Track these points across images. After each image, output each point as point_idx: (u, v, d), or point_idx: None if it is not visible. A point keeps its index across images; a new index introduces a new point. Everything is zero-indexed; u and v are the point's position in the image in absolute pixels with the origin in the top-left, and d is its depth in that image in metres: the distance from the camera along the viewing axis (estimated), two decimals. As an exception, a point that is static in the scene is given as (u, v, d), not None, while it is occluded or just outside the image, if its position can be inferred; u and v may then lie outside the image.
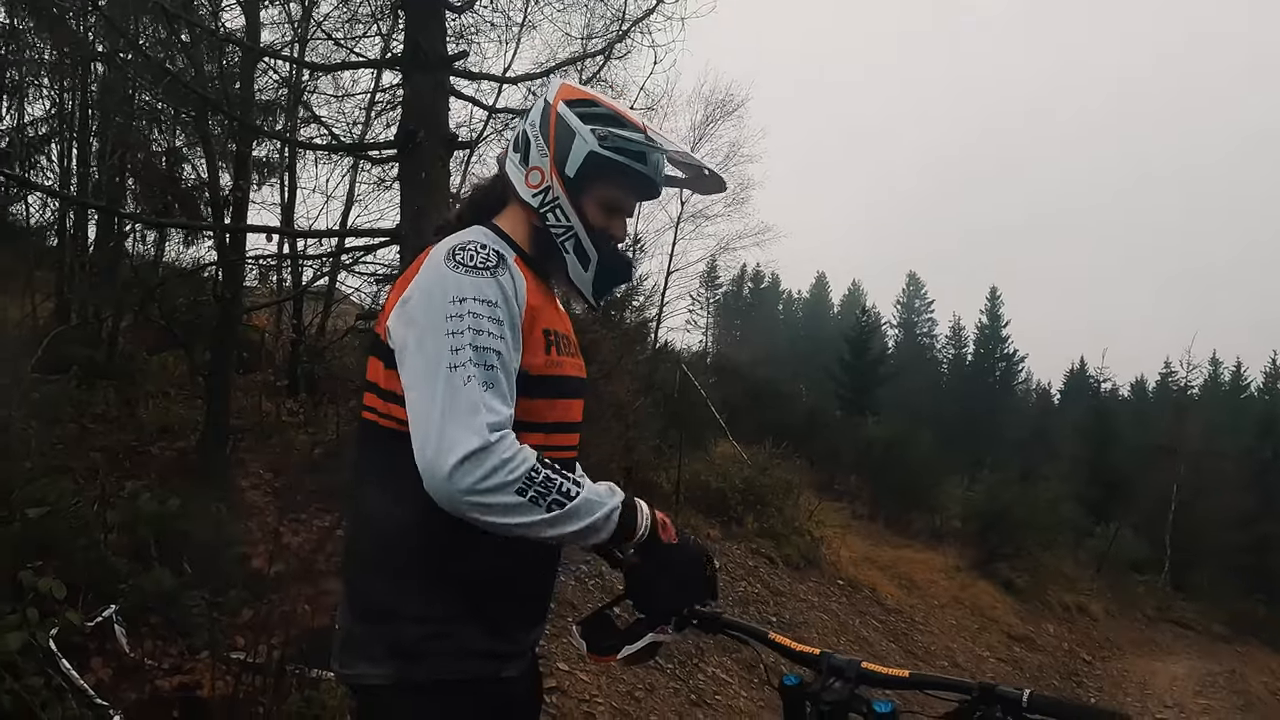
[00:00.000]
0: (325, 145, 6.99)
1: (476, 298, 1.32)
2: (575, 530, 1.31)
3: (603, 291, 1.55)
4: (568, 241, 1.48)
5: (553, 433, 1.44)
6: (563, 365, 1.47)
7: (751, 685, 5.53)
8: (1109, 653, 13.80)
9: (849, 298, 59.40)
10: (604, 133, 1.46)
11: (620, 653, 1.57)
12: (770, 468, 12.22)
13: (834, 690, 1.32)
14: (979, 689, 1.25)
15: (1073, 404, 46.30)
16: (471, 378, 1.28)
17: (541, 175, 1.48)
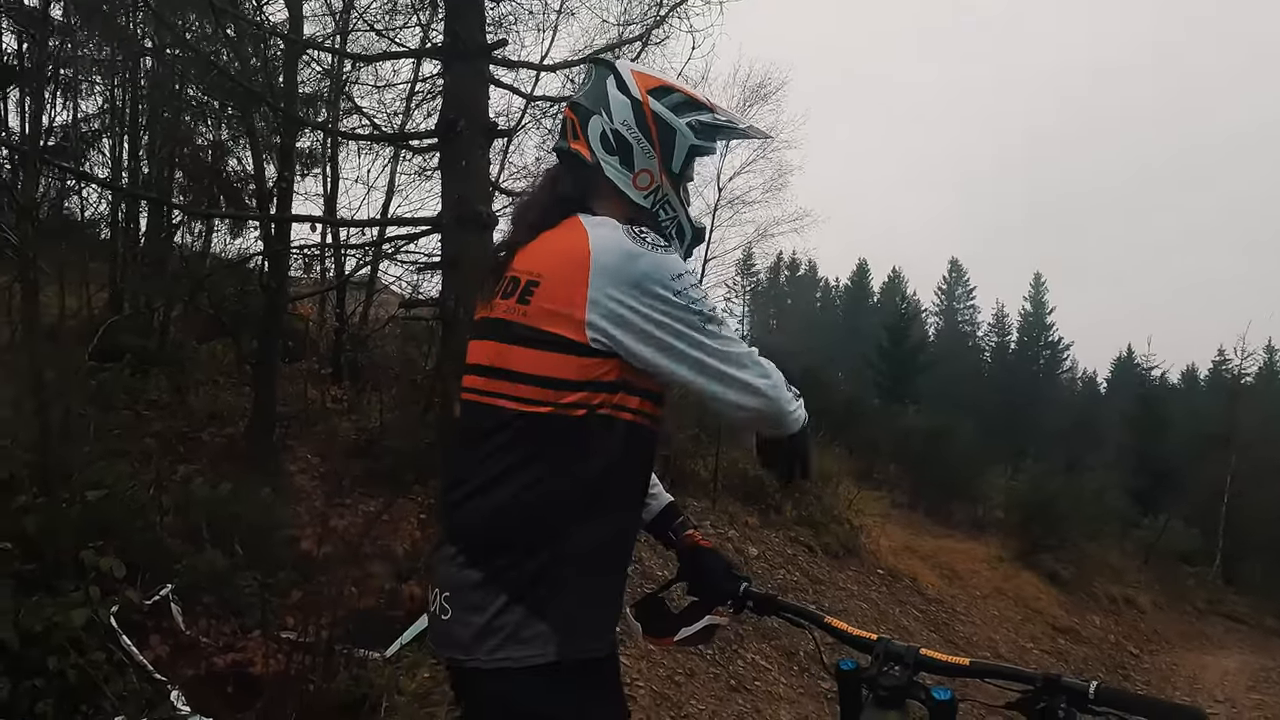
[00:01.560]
0: (368, 135, 7.07)
1: (683, 272, 1.41)
2: (799, 417, 1.54)
3: (689, 257, 1.67)
4: (673, 230, 1.57)
5: (663, 404, 1.50)
6: None
7: (790, 672, 5.52)
8: (1157, 646, 13.51)
9: (889, 285, 58.55)
10: (694, 123, 1.53)
11: (677, 635, 1.57)
12: (809, 456, 12.12)
13: (892, 676, 1.31)
14: (1043, 679, 1.23)
15: (1120, 393, 45.20)
16: (721, 325, 1.41)
17: (651, 177, 1.52)
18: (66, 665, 2.83)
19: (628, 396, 1.39)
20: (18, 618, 2.80)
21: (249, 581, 4.12)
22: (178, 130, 8.58)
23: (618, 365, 1.36)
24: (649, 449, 1.50)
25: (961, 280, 55.21)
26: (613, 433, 1.39)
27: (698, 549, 1.66)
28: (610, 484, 1.40)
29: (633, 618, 1.64)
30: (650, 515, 1.70)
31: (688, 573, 1.65)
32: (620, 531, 1.46)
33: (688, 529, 1.69)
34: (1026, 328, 47.96)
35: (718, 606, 1.59)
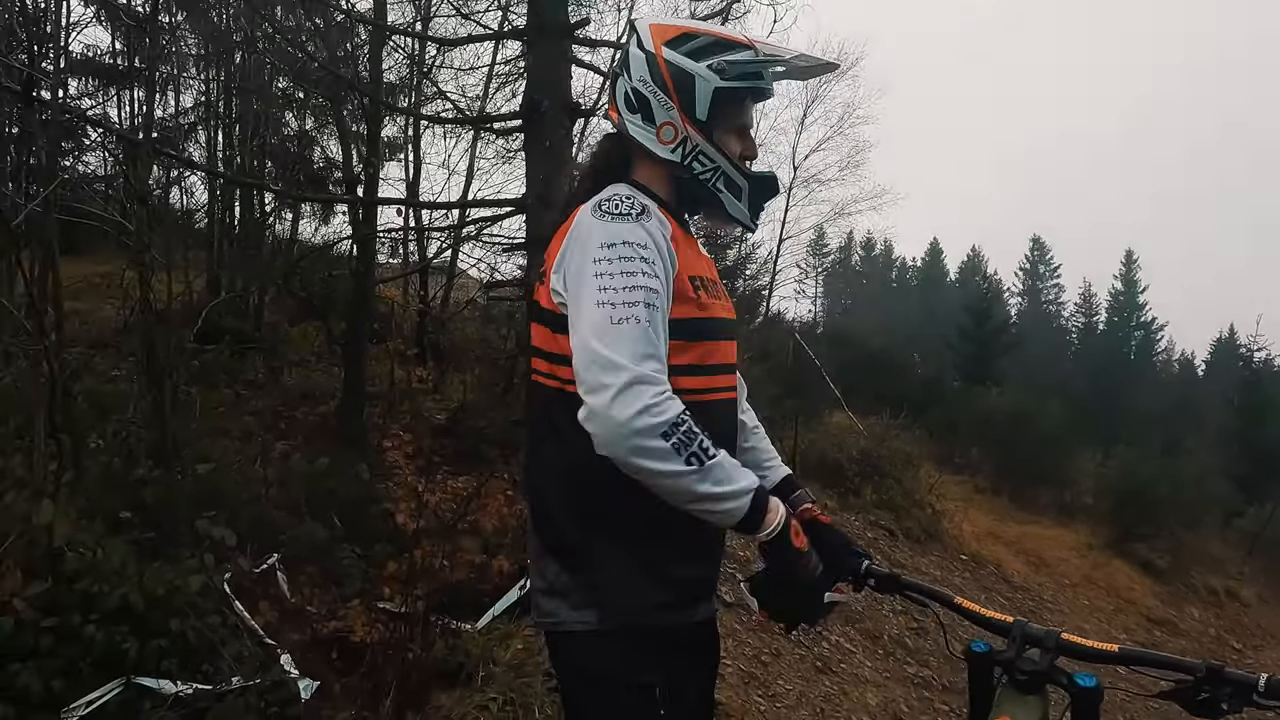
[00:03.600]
0: (452, 119, 7.17)
1: (626, 241, 1.36)
2: (708, 494, 1.29)
3: (757, 213, 1.58)
4: (718, 181, 1.50)
5: (714, 374, 1.48)
6: (712, 308, 1.48)
7: (875, 655, 5.45)
8: (1262, 641, 12.81)
9: (968, 265, 56.63)
10: (720, 65, 1.46)
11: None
12: (888, 438, 11.90)
13: (1031, 660, 1.25)
14: (1205, 669, 1.15)
15: (1219, 375, 42.78)
16: (625, 318, 1.31)
17: (674, 129, 1.48)
18: (187, 627, 2.98)
19: None
20: (141, 581, 2.96)
21: (347, 553, 4.28)
22: (267, 121, 8.89)
23: None
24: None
25: (1045, 258, 53.08)
26: None
27: (816, 523, 1.61)
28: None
29: (748, 593, 1.61)
30: (769, 486, 1.65)
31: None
32: (660, 502, 1.39)
33: (805, 502, 1.65)
34: (1117, 307, 45.86)
35: (838, 583, 1.54)
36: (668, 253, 1.40)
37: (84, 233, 7.44)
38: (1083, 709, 1.19)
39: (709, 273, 1.53)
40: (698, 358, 1.44)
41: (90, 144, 9.03)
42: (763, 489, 1.36)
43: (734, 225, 1.59)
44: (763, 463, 1.71)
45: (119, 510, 3.55)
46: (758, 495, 1.33)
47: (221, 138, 10.10)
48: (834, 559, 1.54)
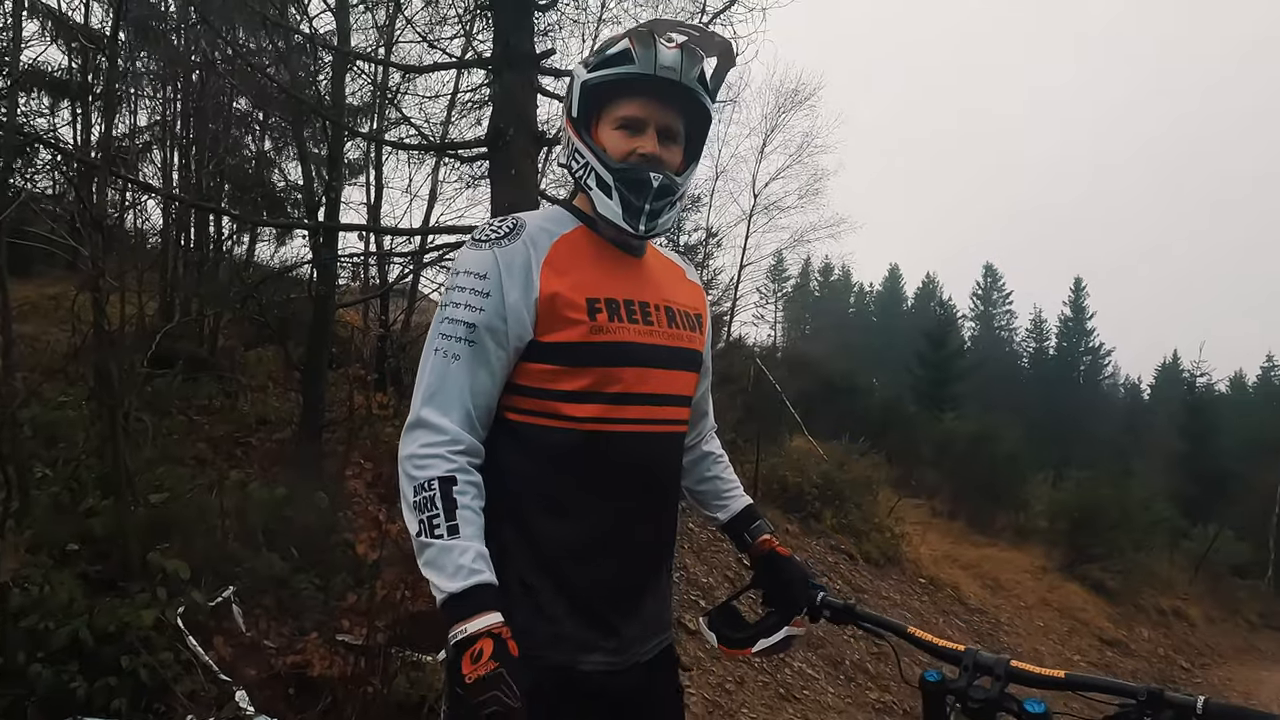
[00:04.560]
0: (417, 145, 7.16)
1: (467, 270, 1.37)
2: (425, 571, 1.27)
3: (640, 214, 1.40)
4: (589, 178, 1.43)
5: (620, 404, 1.38)
6: (618, 332, 1.39)
7: (837, 681, 5.47)
8: (1209, 660, 13.15)
9: (923, 291, 57.87)
10: (590, 58, 1.44)
11: (755, 647, 1.57)
12: (847, 463, 12.03)
13: (982, 688, 1.27)
14: (1147, 693, 1.19)
15: (1165, 399, 44.17)
16: (435, 350, 1.35)
17: (567, 136, 1.48)
18: (138, 664, 2.89)
19: (510, 395, 1.39)
20: (91, 617, 2.87)
21: (306, 585, 4.19)
22: (225, 142, 8.78)
23: None
24: (565, 451, 1.37)
25: (997, 285, 54.40)
26: (504, 433, 1.39)
27: (774, 556, 1.63)
28: (519, 489, 1.37)
29: (706, 627, 1.63)
30: (728, 516, 1.69)
31: (763, 580, 1.63)
32: (541, 542, 1.36)
33: (763, 534, 1.67)
34: (1066, 333, 47.12)
35: (796, 617, 1.56)
36: (520, 278, 1.35)
37: (25, 253, 7.25)
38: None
39: (637, 294, 1.44)
40: (591, 384, 1.36)
41: (42, 166, 8.82)
42: (469, 597, 1.23)
43: (613, 228, 1.42)
44: (723, 492, 1.72)
45: (67, 543, 3.45)
46: (453, 602, 1.22)
47: (178, 158, 9.93)
48: (792, 593, 1.56)
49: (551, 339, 1.36)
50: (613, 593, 1.42)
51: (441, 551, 1.25)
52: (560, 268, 1.38)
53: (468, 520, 1.28)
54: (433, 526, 1.26)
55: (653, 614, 1.49)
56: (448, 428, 1.31)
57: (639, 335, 1.42)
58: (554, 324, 1.36)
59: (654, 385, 1.43)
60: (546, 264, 1.38)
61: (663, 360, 1.45)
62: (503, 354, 1.35)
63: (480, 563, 1.26)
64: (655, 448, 1.46)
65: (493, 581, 1.27)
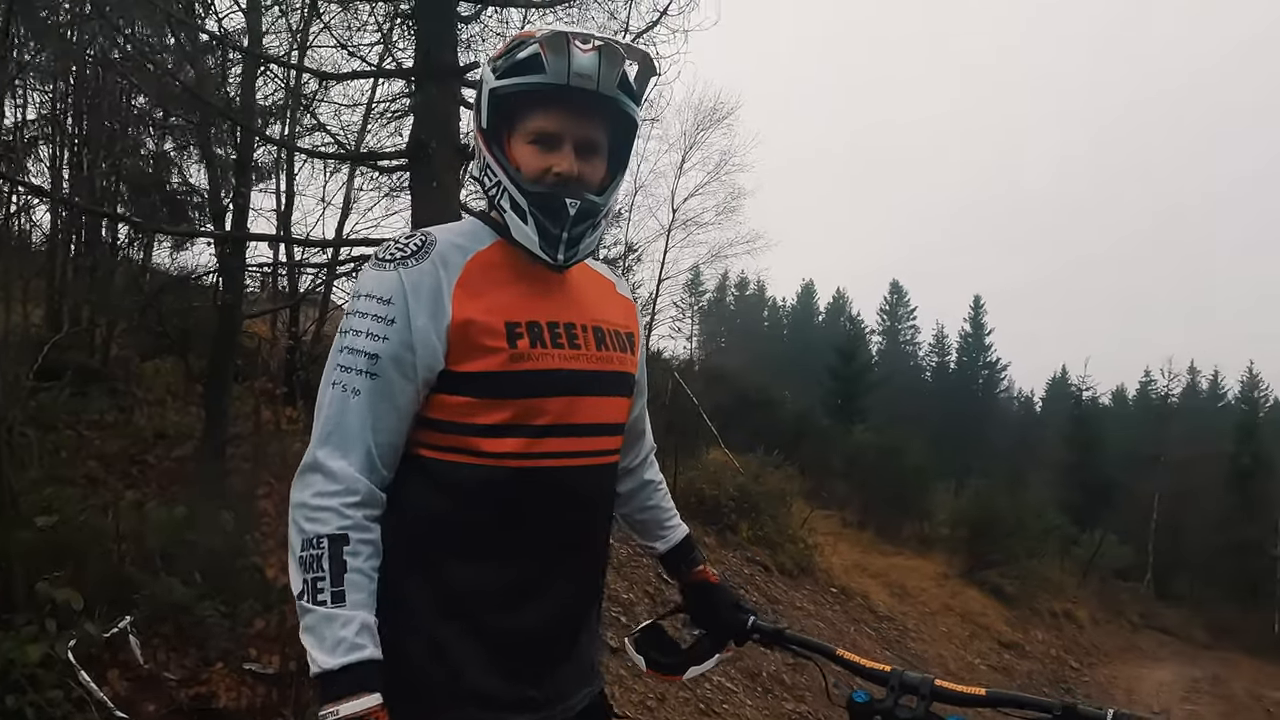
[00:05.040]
0: (333, 154, 6.94)
1: (368, 294, 1.24)
2: (303, 638, 1.16)
3: (558, 242, 1.28)
4: (502, 200, 1.29)
5: (545, 437, 1.27)
6: (541, 359, 1.27)
7: (755, 694, 5.56)
8: (1096, 659, 13.97)
9: (834, 306, 59.69)
10: (499, 63, 1.28)
11: (686, 674, 1.57)
12: (763, 475, 12.27)
13: (908, 708, 1.29)
14: (1061, 708, 1.24)
15: (1055, 412, 46.78)
16: (333, 383, 1.23)
17: (477, 148, 1.35)
18: (24, 703, 2.70)
19: (421, 429, 1.27)
20: (-29, 654, 2.66)
21: (210, 611, 3.98)
22: (121, 141, 8.32)
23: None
24: (483, 490, 1.25)
25: (903, 301, 56.55)
26: (414, 470, 1.27)
27: (706, 584, 1.62)
28: (429, 532, 1.25)
29: (634, 650, 1.60)
30: (666, 548, 1.66)
31: (695, 607, 1.62)
32: (455, 591, 1.24)
33: (699, 564, 1.65)
34: (966, 348, 49.30)
35: (728, 642, 1.57)
36: (428, 302, 1.23)
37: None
38: None
39: (562, 315, 1.33)
40: (512, 417, 1.24)
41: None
42: (346, 675, 1.12)
43: (530, 255, 1.29)
44: (663, 523, 1.66)
45: (-57, 573, 3.18)
46: (329, 678, 1.12)
47: (69, 157, 9.35)
48: (724, 619, 1.57)
49: (466, 369, 1.24)
50: (538, 642, 1.31)
51: (322, 620, 1.14)
52: (475, 289, 1.26)
53: (356, 586, 1.16)
54: (316, 590, 1.14)
55: (582, 661, 1.41)
56: (344, 474, 1.18)
57: (564, 361, 1.30)
58: (469, 352, 1.24)
59: (582, 415, 1.32)
60: (459, 285, 1.26)
61: (592, 386, 1.34)
62: (410, 387, 1.23)
63: (364, 636, 1.14)
64: (584, 482, 1.34)
65: (376, 658, 1.15)
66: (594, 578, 1.44)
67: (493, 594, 1.26)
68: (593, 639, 1.46)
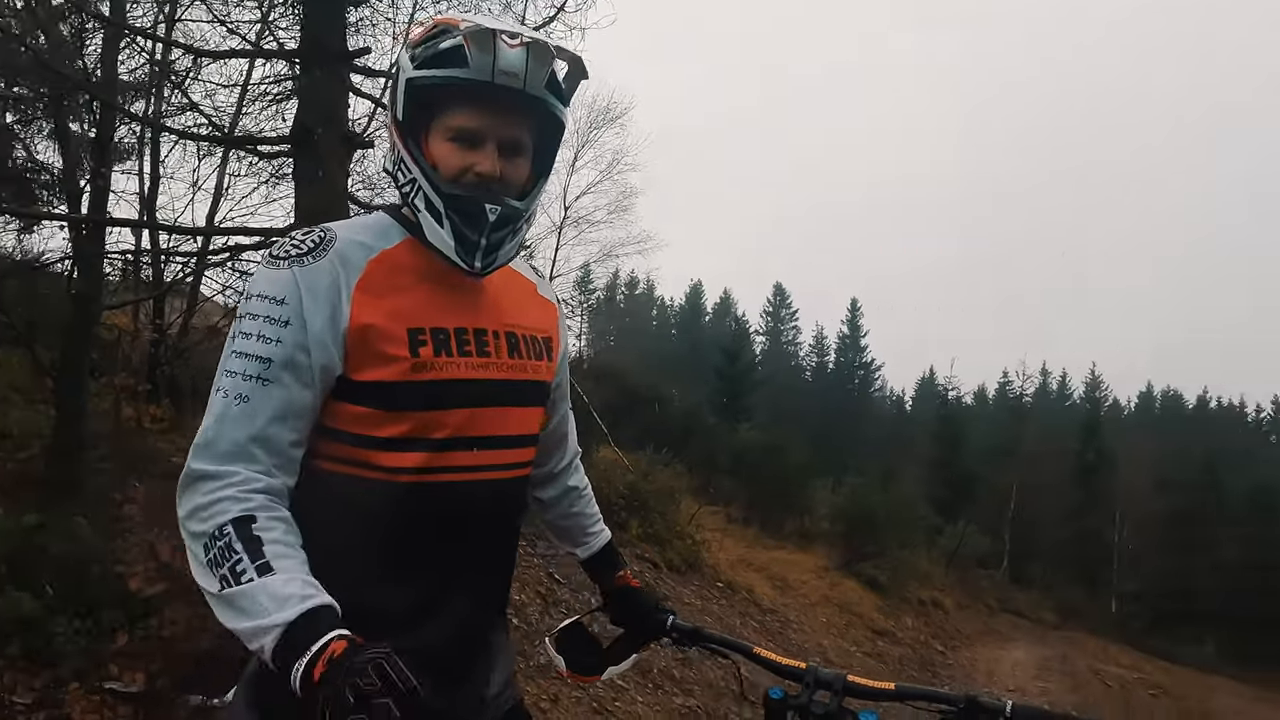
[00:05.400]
0: (206, 136, 6.50)
1: (260, 294, 1.16)
2: (233, 626, 1.05)
3: (476, 249, 1.21)
4: (417, 199, 1.22)
5: (449, 451, 1.22)
6: (445, 368, 1.21)
7: (646, 690, 5.61)
8: (959, 642, 14.86)
9: (720, 306, 61.08)
10: (417, 52, 1.20)
11: (604, 674, 1.57)
12: (652, 473, 12.40)
13: (822, 703, 1.33)
14: (965, 701, 1.30)
15: (924, 411, 49.57)
16: (219, 389, 1.14)
17: (391, 140, 1.27)
18: None
19: (317, 440, 1.19)
20: None
21: (63, 626, 3.67)
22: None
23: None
24: (383, 506, 1.19)
25: (785, 303, 58.49)
26: (309, 484, 1.18)
27: (628, 589, 1.63)
28: (324, 549, 1.13)
29: (554, 649, 1.59)
30: (588, 554, 1.65)
31: (616, 610, 1.63)
32: (353, 612, 1.10)
33: (620, 570, 1.66)
34: (844, 349, 51.50)
35: (648, 642, 1.58)
36: (325, 303, 1.15)
37: None
38: None
39: (472, 321, 1.27)
40: (412, 430, 1.18)
41: None
42: (310, 621, 1.01)
43: (446, 261, 1.22)
44: (587, 529, 1.66)
45: None
46: (288, 635, 1.00)
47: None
48: (644, 621, 1.58)
49: (365, 377, 1.17)
50: (441, 665, 1.21)
51: (252, 591, 1.02)
52: (377, 291, 1.19)
53: (282, 554, 1.05)
54: (237, 575, 1.03)
55: (491, 680, 1.37)
56: (234, 470, 1.10)
57: (472, 370, 1.24)
58: (367, 360, 1.16)
59: (489, 427, 1.26)
60: (360, 287, 1.18)
61: (500, 398, 1.28)
62: (307, 393, 1.15)
63: (311, 587, 1.04)
64: (490, 497, 1.28)
65: (331, 603, 1.04)
66: (502, 592, 1.41)
67: (395, 617, 1.18)
68: (504, 653, 1.42)
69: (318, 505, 1.18)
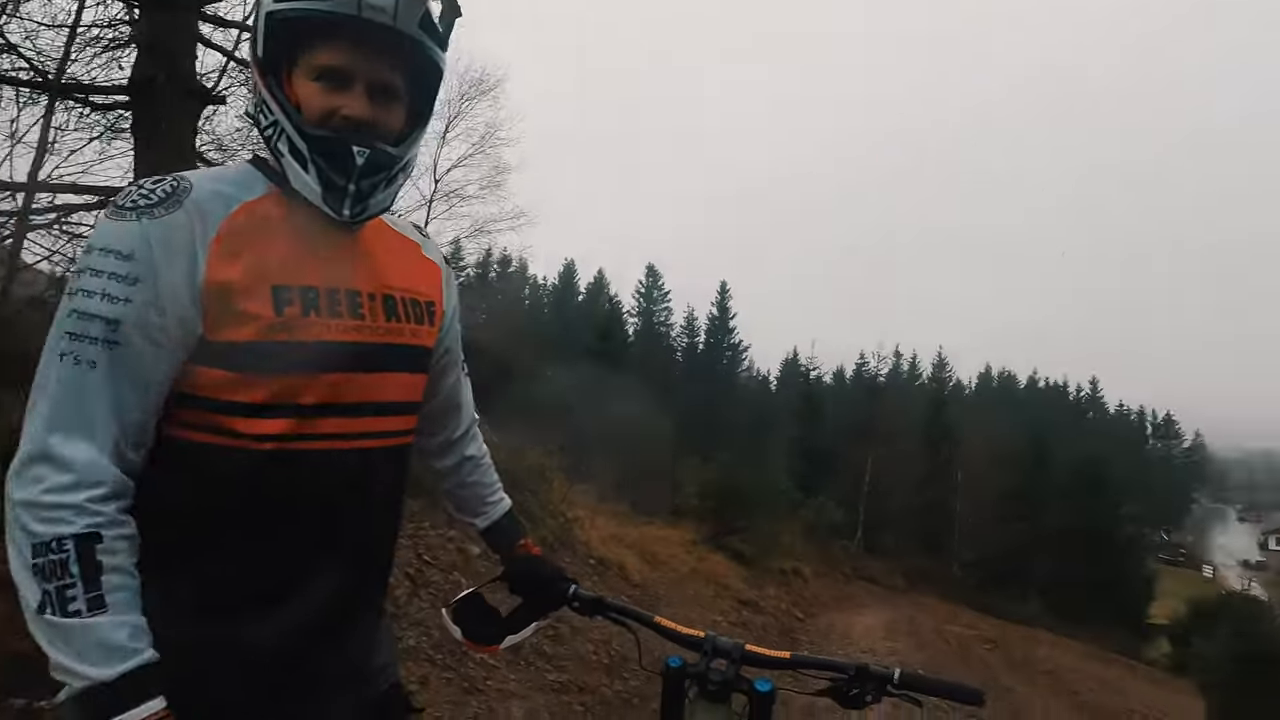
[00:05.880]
0: (27, 81, 5.78)
1: (104, 248, 1.05)
2: (44, 647, 0.97)
3: (344, 196, 1.14)
4: (280, 142, 1.13)
5: (313, 417, 1.13)
6: (305, 329, 1.12)
7: (518, 668, 5.59)
8: (817, 609, 15.68)
9: (594, 286, 61.10)
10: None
11: (503, 643, 1.54)
12: (524, 452, 12.32)
13: (719, 671, 1.34)
14: (855, 669, 1.35)
15: (788, 390, 51.68)
16: (64, 355, 1.02)
17: (252, 82, 1.18)
18: None
19: (172, 405, 1.09)
20: None
21: None
22: None
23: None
24: (243, 477, 1.10)
25: (658, 284, 59.23)
26: (162, 452, 1.10)
27: (529, 557, 1.61)
28: (178, 524, 1.09)
29: (450, 620, 1.55)
30: (487, 524, 1.62)
31: (516, 579, 1.59)
32: (209, 592, 1.09)
33: (520, 538, 1.63)
34: (713, 330, 52.74)
35: (548, 610, 1.56)
36: (181, 258, 1.05)
37: None
38: (759, 710, 1.34)
39: (345, 281, 1.18)
40: (276, 395, 1.10)
41: None
42: (128, 684, 0.96)
43: (312, 210, 1.15)
44: (485, 499, 1.61)
45: None
46: (104, 692, 0.95)
47: None
48: (545, 590, 1.55)
49: (224, 338, 1.07)
50: (307, 648, 1.17)
51: (80, 631, 0.95)
52: (237, 246, 1.09)
53: (117, 586, 0.98)
54: (65, 600, 0.95)
55: (365, 662, 1.30)
56: (84, 463, 1.00)
57: (341, 332, 1.16)
58: (227, 319, 1.07)
59: (361, 393, 1.18)
60: (219, 241, 1.08)
61: (373, 362, 1.20)
62: (162, 355, 1.05)
63: (139, 639, 0.98)
64: (363, 467, 1.20)
65: (155, 660, 0.99)
66: (379, 567, 1.32)
67: (258, 597, 1.12)
68: (375, 631, 1.35)
69: (174, 476, 1.09)
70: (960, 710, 1.41)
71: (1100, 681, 16.25)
